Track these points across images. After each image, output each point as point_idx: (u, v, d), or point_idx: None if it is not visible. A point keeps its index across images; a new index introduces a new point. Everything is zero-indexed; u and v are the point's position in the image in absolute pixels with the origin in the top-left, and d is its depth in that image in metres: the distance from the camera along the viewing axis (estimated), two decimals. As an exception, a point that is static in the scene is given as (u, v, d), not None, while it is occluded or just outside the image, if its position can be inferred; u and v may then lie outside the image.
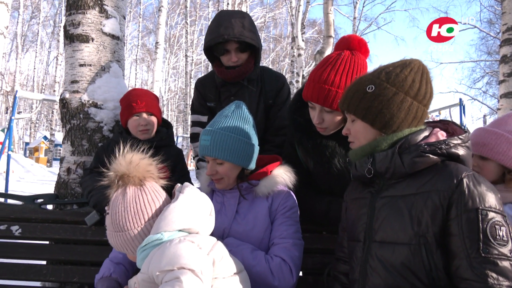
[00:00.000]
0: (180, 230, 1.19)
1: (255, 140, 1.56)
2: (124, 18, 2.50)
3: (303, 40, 11.44)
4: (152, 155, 2.04)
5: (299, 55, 9.55)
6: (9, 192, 7.04)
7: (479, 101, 20.87)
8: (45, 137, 22.62)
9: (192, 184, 2.29)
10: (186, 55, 20.25)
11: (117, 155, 1.30)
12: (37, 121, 28.30)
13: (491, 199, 1.06)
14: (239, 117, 1.55)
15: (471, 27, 15.25)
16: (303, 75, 10.60)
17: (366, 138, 1.26)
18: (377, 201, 1.23)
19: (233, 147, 1.47)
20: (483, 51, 21.01)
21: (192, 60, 22.05)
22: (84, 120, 2.20)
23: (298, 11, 9.75)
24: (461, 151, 1.17)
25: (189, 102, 21.36)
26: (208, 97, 2.21)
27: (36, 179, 12.41)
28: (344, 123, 1.56)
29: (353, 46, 1.56)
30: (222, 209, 1.55)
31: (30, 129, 29.85)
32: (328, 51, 9.10)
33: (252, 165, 1.56)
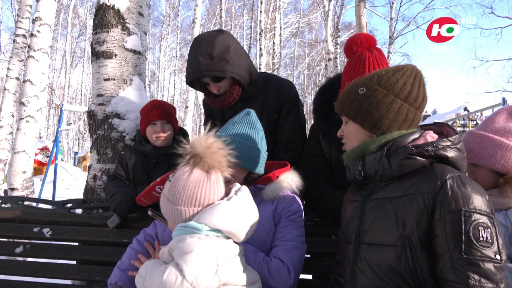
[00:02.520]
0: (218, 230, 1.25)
1: (262, 145, 1.62)
2: (146, 34, 2.67)
3: (337, 43, 11.38)
4: (169, 163, 2.20)
5: (329, 59, 9.47)
6: (57, 199, 7.56)
7: (528, 99, 19.44)
8: (92, 147, 23.94)
9: None
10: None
11: (202, 132, 1.37)
12: (85, 132, 30.13)
13: (476, 200, 1.05)
14: (246, 124, 1.62)
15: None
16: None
17: (357, 139, 1.29)
18: (367, 204, 1.24)
19: (238, 151, 1.54)
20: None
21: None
22: (108, 130, 2.38)
23: (328, 15, 9.69)
24: (450, 153, 1.17)
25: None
26: (213, 115, 2.23)
27: (83, 186, 13.18)
28: None
29: (366, 46, 1.61)
30: None
31: (79, 139, 31.87)
32: (361, 53, 8.99)
33: (259, 170, 1.61)
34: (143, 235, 1.75)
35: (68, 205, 2.21)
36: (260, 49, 15.42)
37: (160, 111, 2.15)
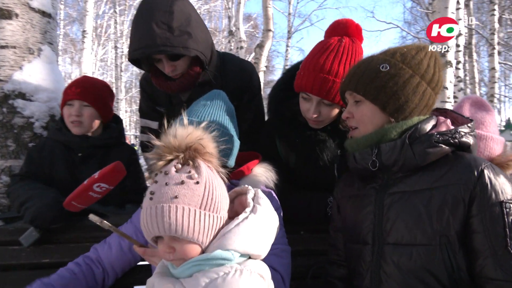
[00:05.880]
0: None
1: (236, 133, 1.37)
2: (56, -7, 2.10)
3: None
4: (102, 156, 1.75)
5: (241, 47, 9.36)
6: None
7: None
8: None
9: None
10: (116, 47, 18.95)
11: (183, 122, 0.96)
12: None
13: (510, 189, 0.99)
14: (218, 106, 1.34)
15: (394, 26, 16.36)
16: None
17: (373, 123, 1.12)
18: (385, 198, 1.10)
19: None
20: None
21: (122, 52, 20.71)
22: (9, 115, 1.79)
23: (240, 2, 9.51)
24: (471, 141, 1.09)
25: (120, 96, 20.11)
26: (157, 100, 1.83)
27: None
28: (338, 116, 1.43)
29: (351, 33, 1.42)
30: None
31: None
32: (268, 44, 9.08)
33: (231, 162, 1.35)
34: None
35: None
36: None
37: (80, 89, 1.69)
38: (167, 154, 0.90)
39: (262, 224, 0.93)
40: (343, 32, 1.42)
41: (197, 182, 0.87)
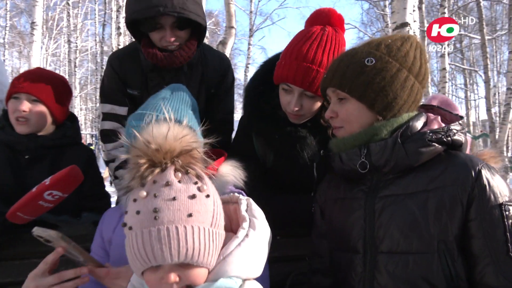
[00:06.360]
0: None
1: (199, 129, 1.24)
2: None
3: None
4: (53, 158, 1.54)
5: (204, 44, 9.12)
6: None
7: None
8: None
9: (109, 196, 1.79)
10: (69, 41, 17.91)
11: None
12: None
13: (507, 189, 0.94)
14: (180, 100, 1.20)
15: (352, 27, 16.83)
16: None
17: (360, 122, 1.04)
18: (377, 202, 1.02)
19: None
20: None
21: (76, 47, 19.66)
22: None
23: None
24: (463, 139, 1.03)
25: (75, 94, 19.05)
26: (130, 82, 1.67)
27: None
28: (323, 110, 1.33)
29: (333, 22, 1.34)
30: None
31: None
32: (231, 42, 8.91)
33: None
34: None
35: None
36: (119, 27, 13.85)
37: (30, 81, 1.48)
38: (159, 159, 0.73)
39: (262, 242, 0.82)
40: (326, 21, 1.35)
41: (208, 196, 0.74)
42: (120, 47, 13.46)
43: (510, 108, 10.96)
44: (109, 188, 2.08)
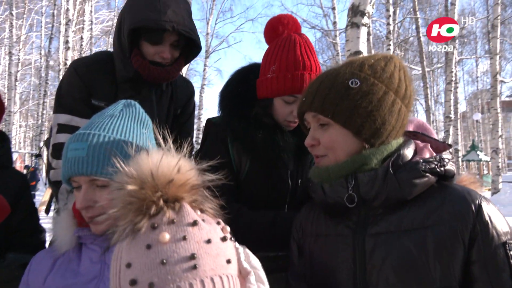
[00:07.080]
0: None
1: (152, 147, 1.07)
2: None
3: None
4: None
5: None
6: None
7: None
8: None
9: (44, 231, 1.49)
10: (10, 53, 16.69)
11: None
12: None
13: (507, 226, 0.86)
14: (132, 118, 1.03)
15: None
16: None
17: (345, 150, 0.93)
18: (367, 241, 0.89)
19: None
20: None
21: (19, 59, 18.41)
22: None
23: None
24: (454, 169, 0.95)
25: (14, 109, 17.64)
26: (97, 92, 1.51)
27: None
28: None
29: (296, 28, 1.37)
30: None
31: None
32: (187, 62, 8.81)
33: None
34: None
35: None
36: (67, 41, 13.16)
37: None
38: (173, 193, 0.60)
39: None
40: (288, 28, 1.36)
41: (231, 238, 0.66)
42: (68, 62, 12.78)
43: (449, 134, 11.82)
44: (46, 220, 1.78)
